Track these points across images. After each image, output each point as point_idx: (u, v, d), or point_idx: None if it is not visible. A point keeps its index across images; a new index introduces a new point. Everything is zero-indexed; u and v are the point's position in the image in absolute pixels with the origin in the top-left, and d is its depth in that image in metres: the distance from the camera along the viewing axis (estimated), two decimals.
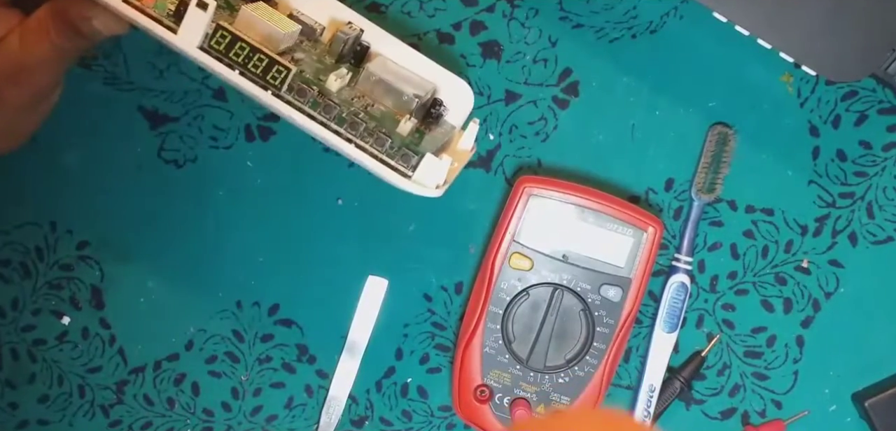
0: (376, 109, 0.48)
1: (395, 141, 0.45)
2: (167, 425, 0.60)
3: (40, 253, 0.59)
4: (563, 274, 0.55)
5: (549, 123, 0.57)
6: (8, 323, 0.59)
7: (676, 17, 0.56)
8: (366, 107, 0.47)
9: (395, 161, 0.43)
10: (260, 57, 0.42)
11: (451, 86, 0.51)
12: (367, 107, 0.47)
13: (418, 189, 0.43)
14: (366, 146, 0.43)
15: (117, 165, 0.58)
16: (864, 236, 0.58)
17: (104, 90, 0.57)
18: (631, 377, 0.59)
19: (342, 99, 0.46)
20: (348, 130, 0.43)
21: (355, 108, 0.46)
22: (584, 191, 0.54)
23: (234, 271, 0.59)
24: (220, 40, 0.42)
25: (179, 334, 0.59)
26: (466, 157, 0.50)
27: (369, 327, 0.59)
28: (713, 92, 0.57)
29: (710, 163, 0.57)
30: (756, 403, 0.59)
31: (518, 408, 0.56)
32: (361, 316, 0.59)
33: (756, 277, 0.58)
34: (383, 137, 0.43)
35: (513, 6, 0.56)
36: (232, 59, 0.42)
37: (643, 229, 0.54)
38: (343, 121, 0.44)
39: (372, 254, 0.58)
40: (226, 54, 0.42)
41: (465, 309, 0.58)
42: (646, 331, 0.58)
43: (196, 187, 0.58)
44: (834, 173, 0.57)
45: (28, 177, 0.58)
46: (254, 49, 0.42)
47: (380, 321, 0.59)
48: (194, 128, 0.57)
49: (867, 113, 0.57)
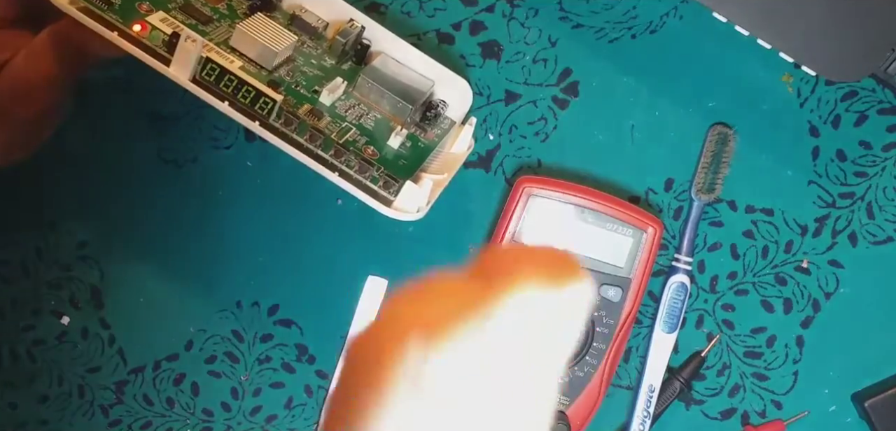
0: (371, 119, 0.48)
1: (384, 153, 0.46)
2: (167, 425, 0.60)
3: (40, 253, 0.59)
4: None
5: (549, 123, 0.57)
6: (8, 323, 0.59)
7: (676, 17, 0.56)
8: (360, 117, 0.48)
9: (377, 187, 0.45)
10: (248, 88, 0.43)
11: (451, 84, 0.51)
12: (361, 118, 0.48)
13: (399, 215, 0.45)
14: (350, 173, 0.45)
15: (117, 165, 0.58)
16: (864, 236, 0.58)
17: (104, 90, 0.57)
18: (631, 377, 0.59)
19: (335, 113, 0.47)
20: (333, 157, 0.45)
21: (347, 125, 0.47)
22: (583, 191, 0.54)
23: (234, 271, 0.59)
24: (210, 72, 0.43)
25: (179, 334, 0.59)
26: (460, 162, 0.51)
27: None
28: (713, 92, 0.57)
29: (710, 163, 0.57)
30: (756, 403, 0.59)
31: None
32: (361, 316, 0.59)
33: (756, 277, 0.58)
34: (366, 165, 0.45)
35: (513, 6, 0.56)
36: (222, 90, 0.44)
37: (643, 229, 0.54)
38: (330, 146, 0.45)
39: (372, 254, 0.58)
40: (216, 85, 0.44)
41: None
42: (646, 331, 0.58)
43: (196, 187, 0.58)
44: (834, 173, 0.57)
45: (28, 178, 0.58)
46: (241, 82, 0.43)
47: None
48: (194, 128, 0.57)
49: (867, 113, 0.57)
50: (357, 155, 0.45)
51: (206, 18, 0.47)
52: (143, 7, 0.45)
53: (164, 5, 0.46)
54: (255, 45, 0.46)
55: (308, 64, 0.48)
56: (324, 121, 0.46)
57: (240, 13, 0.49)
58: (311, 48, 0.49)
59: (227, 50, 0.46)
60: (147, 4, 0.45)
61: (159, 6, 0.46)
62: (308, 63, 0.48)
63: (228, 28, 0.47)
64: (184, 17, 0.46)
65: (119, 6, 0.45)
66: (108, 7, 0.44)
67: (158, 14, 0.45)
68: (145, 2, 0.46)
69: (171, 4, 0.46)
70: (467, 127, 0.50)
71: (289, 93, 0.46)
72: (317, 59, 0.49)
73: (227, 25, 0.47)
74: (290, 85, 0.47)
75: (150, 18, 0.45)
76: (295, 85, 0.47)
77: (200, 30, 0.46)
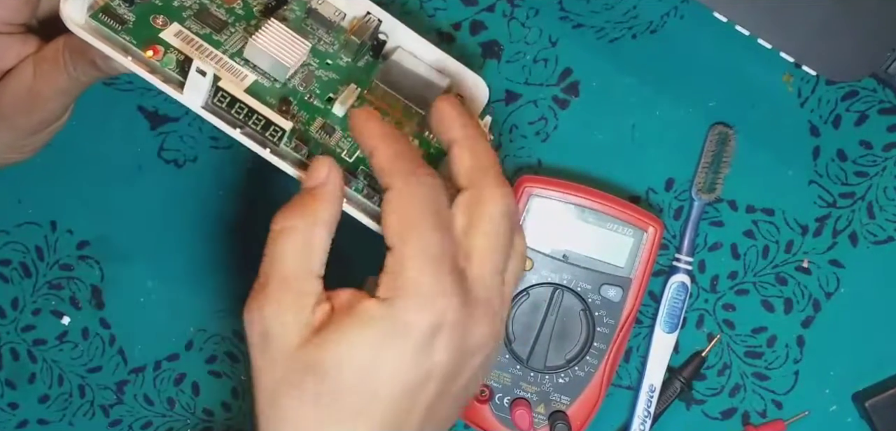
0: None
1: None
2: (167, 425, 0.60)
3: (40, 253, 0.59)
4: (564, 274, 0.54)
5: (550, 123, 0.57)
6: (8, 322, 0.59)
7: (677, 16, 0.56)
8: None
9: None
10: (258, 117, 0.44)
11: (467, 81, 0.51)
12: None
13: None
14: (357, 198, 0.45)
15: (117, 165, 0.58)
16: (865, 236, 0.58)
17: (104, 90, 0.57)
18: (631, 377, 0.59)
19: (347, 127, 0.47)
20: (345, 178, 0.44)
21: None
22: (584, 191, 0.54)
23: (234, 271, 0.59)
24: (221, 99, 0.43)
25: (179, 334, 0.59)
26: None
27: None
28: (713, 92, 0.57)
29: (711, 162, 0.57)
30: (756, 403, 0.59)
31: (518, 408, 0.56)
32: None
33: (756, 277, 0.58)
34: (374, 190, 0.45)
35: (513, 6, 0.56)
36: (234, 117, 0.44)
37: (643, 229, 0.54)
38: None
39: (372, 254, 0.58)
40: (228, 111, 0.43)
41: None
42: (646, 331, 0.58)
43: (196, 187, 0.58)
44: (834, 173, 0.57)
45: (28, 177, 0.58)
46: (252, 110, 0.43)
47: None
48: (194, 128, 0.57)
49: (867, 113, 0.57)
50: (366, 174, 0.45)
51: (220, 24, 0.46)
52: (158, 21, 0.45)
53: (179, 15, 0.46)
54: (268, 59, 0.46)
55: (323, 65, 0.48)
56: (335, 136, 0.46)
57: (255, 11, 0.48)
58: (326, 45, 0.49)
59: (240, 62, 0.46)
60: (162, 18, 0.45)
61: (174, 17, 0.45)
62: (323, 65, 0.48)
63: (244, 33, 0.47)
64: (198, 25, 0.46)
65: (133, 24, 0.44)
66: (122, 26, 0.44)
67: (173, 27, 0.45)
68: (160, 15, 0.45)
69: (185, 13, 0.46)
70: (484, 122, 0.50)
71: (302, 108, 0.46)
72: (332, 59, 0.49)
73: (242, 30, 0.47)
74: (304, 95, 0.47)
75: (164, 33, 0.44)
76: (308, 95, 0.47)
77: (214, 40, 0.46)
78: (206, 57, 0.45)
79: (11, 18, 0.46)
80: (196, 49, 0.45)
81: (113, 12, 0.44)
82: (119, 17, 0.44)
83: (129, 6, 0.44)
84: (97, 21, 0.44)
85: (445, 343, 0.38)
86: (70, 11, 0.43)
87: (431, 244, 0.38)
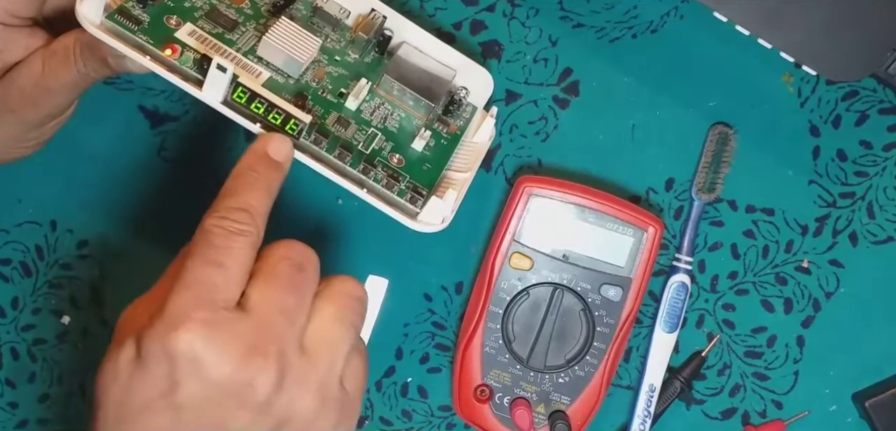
0: (395, 119, 0.49)
1: (409, 157, 0.47)
2: None
3: (40, 253, 0.59)
4: (564, 274, 0.55)
5: (550, 123, 0.57)
6: (8, 322, 0.59)
7: (677, 16, 0.56)
8: (385, 119, 0.49)
9: (404, 200, 0.46)
10: (278, 111, 0.44)
11: (472, 73, 0.52)
12: (385, 120, 0.49)
13: (424, 227, 0.46)
14: (377, 187, 0.46)
15: (117, 165, 0.58)
16: (865, 236, 0.58)
17: (104, 89, 0.57)
18: (631, 377, 0.59)
19: (361, 119, 0.48)
20: (362, 173, 0.45)
21: (373, 132, 0.47)
22: (584, 191, 0.54)
23: None
24: (241, 95, 0.44)
25: None
26: (483, 153, 0.51)
27: (369, 326, 0.59)
28: (713, 92, 0.57)
29: (711, 162, 0.57)
30: (756, 403, 0.59)
31: (518, 408, 0.56)
32: None
33: (756, 277, 0.58)
34: (393, 179, 0.46)
35: (513, 6, 0.56)
36: (253, 112, 0.44)
37: (643, 229, 0.54)
38: (358, 161, 0.46)
39: (372, 254, 0.58)
40: (247, 107, 0.44)
41: (466, 309, 0.58)
42: (646, 331, 0.58)
43: (196, 187, 0.58)
44: (834, 173, 0.57)
45: (28, 177, 0.58)
46: (271, 104, 0.44)
47: (380, 320, 0.59)
48: (194, 128, 0.57)
49: (868, 113, 0.57)
50: (384, 165, 0.46)
51: (231, 23, 0.47)
52: (172, 21, 0.46)
53: (191, 15, 0.46)
54: (281, 55, 0.47)
55: (332, 62, 0.49)
56: (350, 129, 0.47)
57: (263, 11, 0.49)
58: (334, 42, 0.50)
59: (254, 59, 0.46)
60: (175, 18, 0.46)
61: (187, 17, 0.46)
62: (332, 61, 0.49)
63: (255, 31, 0.48)
64: (210, 25, 0.47)
65: (148, 24, 0.45)
66: (138, 26, 0.44)
67: (187, 27, 0.46)
68: (173, 16, 0.46)
69: (197, 13, 0.47)
70: (489, 118, 0.51)
71: (316, 102, 0.47)
72: (340, 56, 0.50)
73: (252, 29, 0.48)
74: (317, 91, 0.48)
75: (178, 33, 0.45)
76: (321, 91, 0.48)
77: (227, 38, 0.47)
78: (222, 54, 0.45)
79: (19, 11, 0.46)
80: (211, 47, 0.45)
81: (128, 13, 0.45)
82: (135, 18, 0.45)
83: (144, 7, 0.45)
84: (113, 21, 0.44)
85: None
86: (86, 11, 0.44)
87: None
